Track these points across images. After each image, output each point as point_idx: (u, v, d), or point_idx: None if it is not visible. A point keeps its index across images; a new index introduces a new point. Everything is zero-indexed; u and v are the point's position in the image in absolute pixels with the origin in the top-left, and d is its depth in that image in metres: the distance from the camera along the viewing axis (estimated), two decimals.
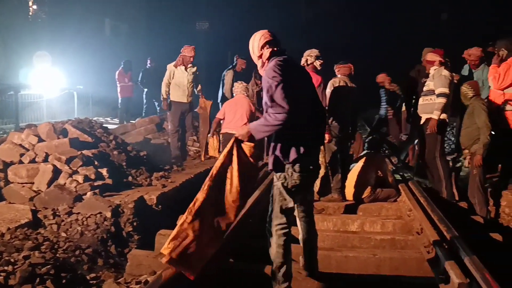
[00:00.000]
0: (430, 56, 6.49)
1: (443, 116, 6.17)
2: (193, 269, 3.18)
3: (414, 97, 7.90)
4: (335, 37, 18.90)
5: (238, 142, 3.32)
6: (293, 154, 3.32)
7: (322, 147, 5.82)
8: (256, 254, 4.39)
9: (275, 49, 3.44)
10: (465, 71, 7.19)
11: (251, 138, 3.30)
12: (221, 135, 7.63)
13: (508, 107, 6.07)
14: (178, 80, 8.43)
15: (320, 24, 21.82)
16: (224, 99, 9.47)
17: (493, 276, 3.32)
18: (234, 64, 10.33)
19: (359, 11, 21.82)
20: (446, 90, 6.13)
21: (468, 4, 20.93)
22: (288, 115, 3.13)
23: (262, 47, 3.44)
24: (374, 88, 10.24)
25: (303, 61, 6.12)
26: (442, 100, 6.09)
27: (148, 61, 13.64)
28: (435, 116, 6.13)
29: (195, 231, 3.19)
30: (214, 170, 3.28)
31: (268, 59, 3.42)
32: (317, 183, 6.15)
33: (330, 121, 6.22)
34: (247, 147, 3.32)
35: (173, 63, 8.46)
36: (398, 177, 7.39)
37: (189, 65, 8.43)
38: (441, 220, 4.62)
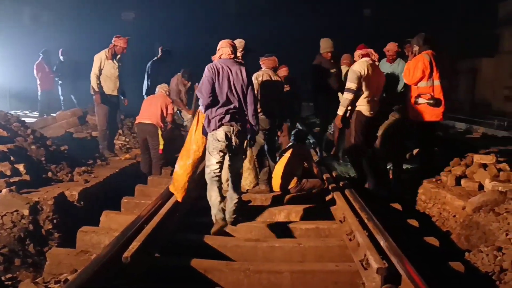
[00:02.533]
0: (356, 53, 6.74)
1: (362, 108, 6.37)
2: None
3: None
4: (263, 30, 19.05)
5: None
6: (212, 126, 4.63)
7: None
8: (184, 248, 4.37)
9: (220, 56, 4.77)
10: (382, 65, 7.50)
11: None
12: (135, 126, 7.58)
13: (420, 100, 6.39)
14: (109, 72, 8.02)
15: (248, 17, 21.93)
16: (149, 91, 9.28)
17: (409, 260, 3.50)
18: (159, 55, 10.20)
19: (287, 5, 22.14)
20: (352, 85, 6.25)
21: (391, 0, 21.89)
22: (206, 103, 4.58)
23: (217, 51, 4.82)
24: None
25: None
26: (347, 95, 6.30)
27: (60, 53, 12.89)
28: (339, 111, 6.36)
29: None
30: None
31: None
32: (244, 175, 6.19)
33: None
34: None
35: (102, 53, 8.03)
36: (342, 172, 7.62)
37: (118, 56, 8.11)
38: (362, 209, 4.80)
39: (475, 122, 20.13)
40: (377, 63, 6.65)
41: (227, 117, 4.66)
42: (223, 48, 4.80)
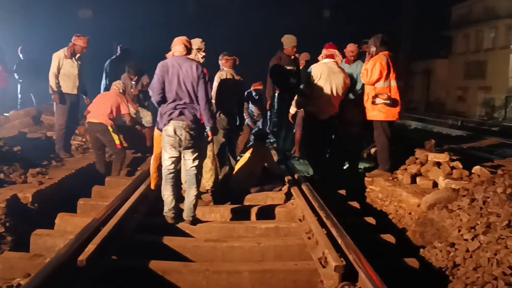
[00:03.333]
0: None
1: (313, 110, 6.60)
2: None
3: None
4: (220, 29, 19.04)
5: None
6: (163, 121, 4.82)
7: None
8: (143, 249, 4.31)
9: (173, 53, 4.88)
10: (341, 66, 7.62)
11: None
12: (86, 124, 7.47)
13: (378, 100, 6.52)
14: (68, 71, 7.81)
15: (206, 17, 21.87)
16: (107, 90, 9.13)
17: (366, 257, 3.57)
18: (117, 54, 10.07)
19: (246, 4, 22.16)
20: (304, 87, 6.69)
21: (350, 1, 22.26)
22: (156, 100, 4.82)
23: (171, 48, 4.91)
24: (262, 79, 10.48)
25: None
26: (298, 96, 6.67)
27: (19, 51, 12.50)
28: (291, 110, 6.57)
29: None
30: None
31: None
32: (206, 177, 6.16)
33: (218, 114, 6.26)
34: None
35: (60, 52, 7.82)
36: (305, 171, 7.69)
37: (78, 55, 7.92)
38: (321, 207, 4.86)
39: (430, 122, 20.74)
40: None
41: (176, 113, 4.79)
42: (176, 45, 4.94)
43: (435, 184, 5.89)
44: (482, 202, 4.61)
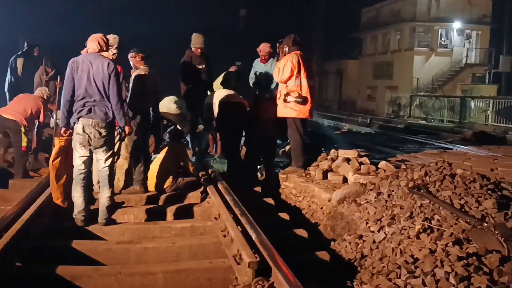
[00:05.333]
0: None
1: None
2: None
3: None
4: (140, 28, 18.61)
5: None
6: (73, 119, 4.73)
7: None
8: (51, 254, 4.11)
9: (87, 50, 4.80)
10: (256, 64, 7.72)
11: None
12: None
13: (289, 98, 6.69)
14: None
15: (123, 14, 21.29)
16: (12, 87, 8.61)
17: (279, 252, 3.65)
18: (24, 50, 9.54)
19: (166, 3, 21.86)
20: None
21: (265, 2, 22.63)
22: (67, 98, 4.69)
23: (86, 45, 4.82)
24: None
25: None
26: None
27: None
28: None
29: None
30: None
31: None
32: (120, 178, 5.99)
33: (132, 112, 6.09)
34: None
35: None
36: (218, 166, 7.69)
37: None
38: (236, 205, 4.90)
39: (342, 120, 21.65)
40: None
41: (85, 110, 4.68)
42: (90, 42, 4.84)
43: (345, 179, 6.14)
44: (387, 195, 4.87)
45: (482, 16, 30.87)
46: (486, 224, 3.64)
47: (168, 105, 7.95)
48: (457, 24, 30.19)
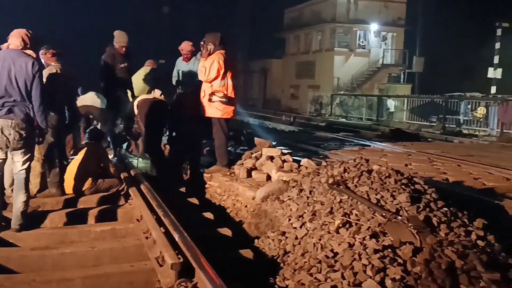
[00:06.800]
0: None
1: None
2: None
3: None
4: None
5: None
6: None
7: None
8: None
9: (8, 45, 4.53)
10: (179, 63, 7.63)
11: None
12: None
13: (214, 97, 6.67)
14: None
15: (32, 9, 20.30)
16: None
17: (203, 252, 3.62)
18: None
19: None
20: None
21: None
22: None
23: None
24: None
25: None
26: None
27: None
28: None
29: None
30: None
31: None
32: (34, 182, 5.67)
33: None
34: None
35: None
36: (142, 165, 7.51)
37: None
38: (159, 206, 4.80)
39: (266, 118, 21.92)
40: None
41: (4, 110, 4.40)
42: (12, 37, 4.56)
43: (269, 177, 6.22)
44: (308, 192, 4.98)
45: (397, 19, 32.60)
46: (400, 217, 3.82)
47: (92, 98, 7.71)
48: (374, 26, 31.63)
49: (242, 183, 6.19)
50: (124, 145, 8.92)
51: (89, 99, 7.54)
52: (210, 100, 6.64)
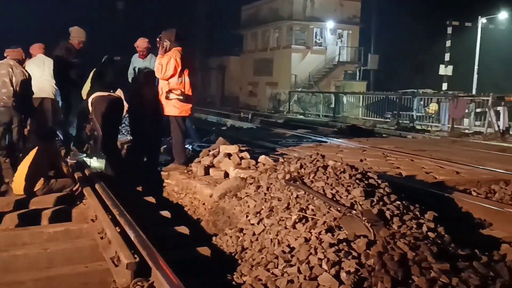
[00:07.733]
0: None
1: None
2: None
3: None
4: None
5: None
6: None
7: None
8: None
9: None
10: (134, 60, 7.51)
11: None
12: None
13: (172, 95, 6.61)
14: None
15: None
16: None
17: (160, 251, 3.58)
18: None
19: None
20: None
21: None
22: None
23: None
24: None
25: None
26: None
27: None
28: None
29: None
30: None
31: None
32: None
33: None
34: None
35: None
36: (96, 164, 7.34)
37: None
38: (114, 205, 4.72)
39: (225, 115, 21.87)
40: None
41: None
42: None
43: (227, 175, 6.22)
44: (266, 188, 5.02)
45: (352, 17, 33.18)
46: (354, 212, 3.91)
47: (49, 90, 7.56)
48: (330, 24, 32.08)
49: (199, 180, 6.16)
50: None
51: (45, 91, 7.35)
52: (167, 98, 6.57)
